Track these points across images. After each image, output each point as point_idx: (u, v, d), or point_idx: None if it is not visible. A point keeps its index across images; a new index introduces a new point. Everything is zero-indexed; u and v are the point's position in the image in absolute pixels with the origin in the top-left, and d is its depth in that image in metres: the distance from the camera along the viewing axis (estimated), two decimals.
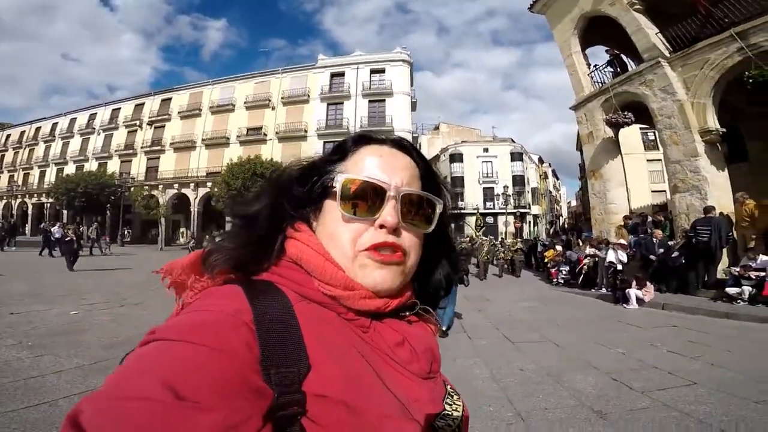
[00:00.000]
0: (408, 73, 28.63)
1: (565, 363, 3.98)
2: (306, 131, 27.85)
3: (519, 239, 21.26)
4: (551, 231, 35.32)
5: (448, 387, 0.52)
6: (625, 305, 7.39)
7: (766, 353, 4.12)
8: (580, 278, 10.30)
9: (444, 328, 4.82)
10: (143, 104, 35.99)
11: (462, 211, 40.01)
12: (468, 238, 19.13)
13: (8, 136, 46.04)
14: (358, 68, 28.55)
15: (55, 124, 41.54)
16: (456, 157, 41.69)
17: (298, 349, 0.38)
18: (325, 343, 0.40)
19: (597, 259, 10.04)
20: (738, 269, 7.05)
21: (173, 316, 0.42)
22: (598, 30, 12.00)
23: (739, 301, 6.58)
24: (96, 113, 38.77)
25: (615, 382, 3.35)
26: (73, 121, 40.01)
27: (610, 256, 9.14)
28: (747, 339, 4.75)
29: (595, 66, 12.36)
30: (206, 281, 0.46)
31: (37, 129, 43.07)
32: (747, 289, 6.56)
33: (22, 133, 44.63)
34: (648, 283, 7.76)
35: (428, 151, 47.34)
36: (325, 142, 27.44)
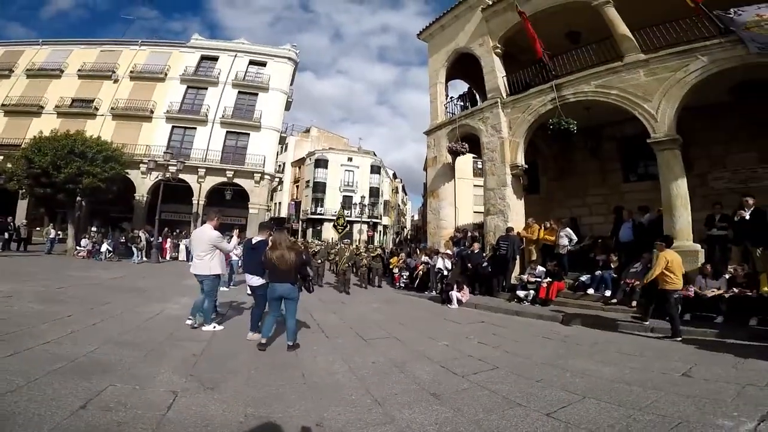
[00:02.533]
0: (291, 71, 27.23)
1: (407, 355, 4.66)
2: (152, 111, 23.57)
3: (375, 246, 21.93)
4: (397, 240, 39.43)
5: None
6: (449, 305, 8.87)
7: (541, 342, 5.64)
8: (416, 282, 11.86)
9: (290, 343, 4.57)
10: None
11: (322, 217, 40.72)
12: (324, 242, 19.34)
13: None
14: (236, 56, 25.82)
15: None
16: (321, 163, 42.78)
17: None
18: None
19: (429, 265, 11.75)
20: (525, 276, 9.36)
21: None
22: (462, 66, 13.59)
23: (525, 302, 8.75)
24: None
25: (443, 369, 4.11)
26: None
27: (439, 263, 10.86)
28: (529, 332, 6.38)
29: (451, 98, 14.04)
30: None
31: None
32: (530, 293, 8.79)
33: None
34: (465, 287, 9.54)
35: (294, 153, 46.58)
36: (174, 127, 23.74)
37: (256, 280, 5.09)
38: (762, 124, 8.70)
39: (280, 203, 44.91)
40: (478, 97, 13.63)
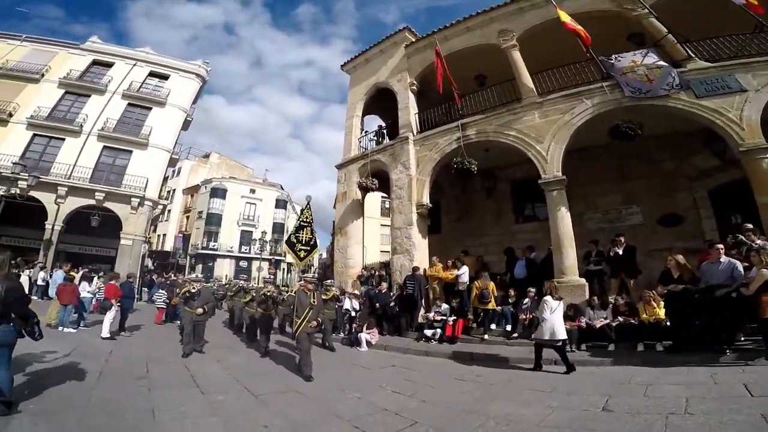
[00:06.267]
0: (196, 89, 24.49)
1: (312, 414, 3.80)
2: (11, 114, 18.86)
3: (329, 283, 18.44)
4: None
5: None
6: (358, 348, 8.16)
7: (456, 385, 5.21)
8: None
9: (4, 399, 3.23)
10: None
11: (215, 252, 36.55)
12: (215, 279, 16.88)
13: None
14: (135, 64, 22.52)
15: None
16: (218, 192, 38.86)
17: None
18: None
19: (337, 306, 10.92)
20: (431, 315, 9.14)
21: None
22: (379, 102, 13.67)
23: (432, 340, 8.44)
24: None
25: (357, 430, 3.38)
26: None
27: (347, 304, 10.13)
28: (442, 373, 5.93)
29: (365, 132, 13.90)
30: None
31: None
32: (437, 331, 8.54)
33: None
34: (374, 328, 8.95)
35: (188, 180, 41.94)
36: (36, 135, 19.22)
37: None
38: (626, 167, 10.05)
39: (164, 235, 39.30)
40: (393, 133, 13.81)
